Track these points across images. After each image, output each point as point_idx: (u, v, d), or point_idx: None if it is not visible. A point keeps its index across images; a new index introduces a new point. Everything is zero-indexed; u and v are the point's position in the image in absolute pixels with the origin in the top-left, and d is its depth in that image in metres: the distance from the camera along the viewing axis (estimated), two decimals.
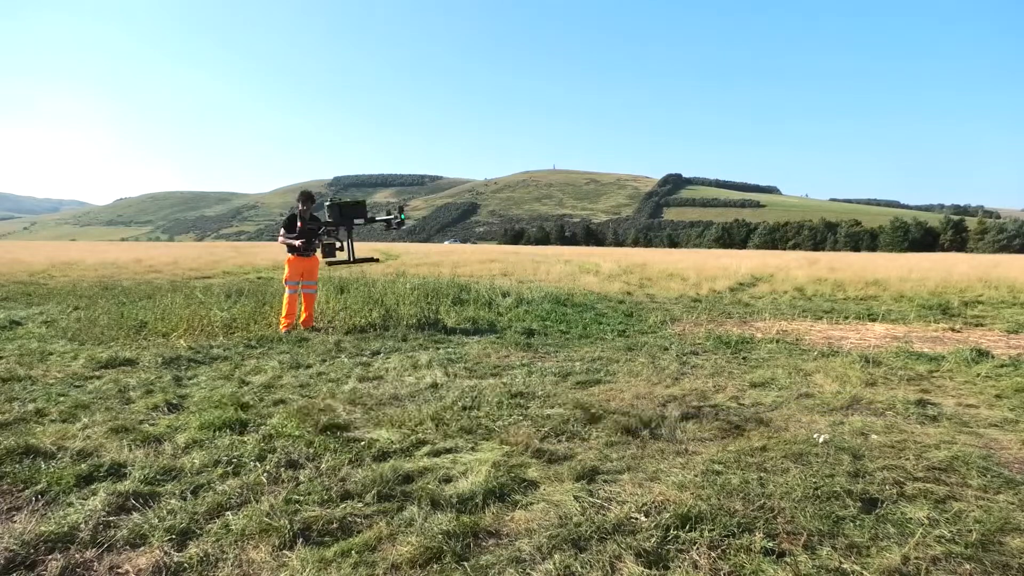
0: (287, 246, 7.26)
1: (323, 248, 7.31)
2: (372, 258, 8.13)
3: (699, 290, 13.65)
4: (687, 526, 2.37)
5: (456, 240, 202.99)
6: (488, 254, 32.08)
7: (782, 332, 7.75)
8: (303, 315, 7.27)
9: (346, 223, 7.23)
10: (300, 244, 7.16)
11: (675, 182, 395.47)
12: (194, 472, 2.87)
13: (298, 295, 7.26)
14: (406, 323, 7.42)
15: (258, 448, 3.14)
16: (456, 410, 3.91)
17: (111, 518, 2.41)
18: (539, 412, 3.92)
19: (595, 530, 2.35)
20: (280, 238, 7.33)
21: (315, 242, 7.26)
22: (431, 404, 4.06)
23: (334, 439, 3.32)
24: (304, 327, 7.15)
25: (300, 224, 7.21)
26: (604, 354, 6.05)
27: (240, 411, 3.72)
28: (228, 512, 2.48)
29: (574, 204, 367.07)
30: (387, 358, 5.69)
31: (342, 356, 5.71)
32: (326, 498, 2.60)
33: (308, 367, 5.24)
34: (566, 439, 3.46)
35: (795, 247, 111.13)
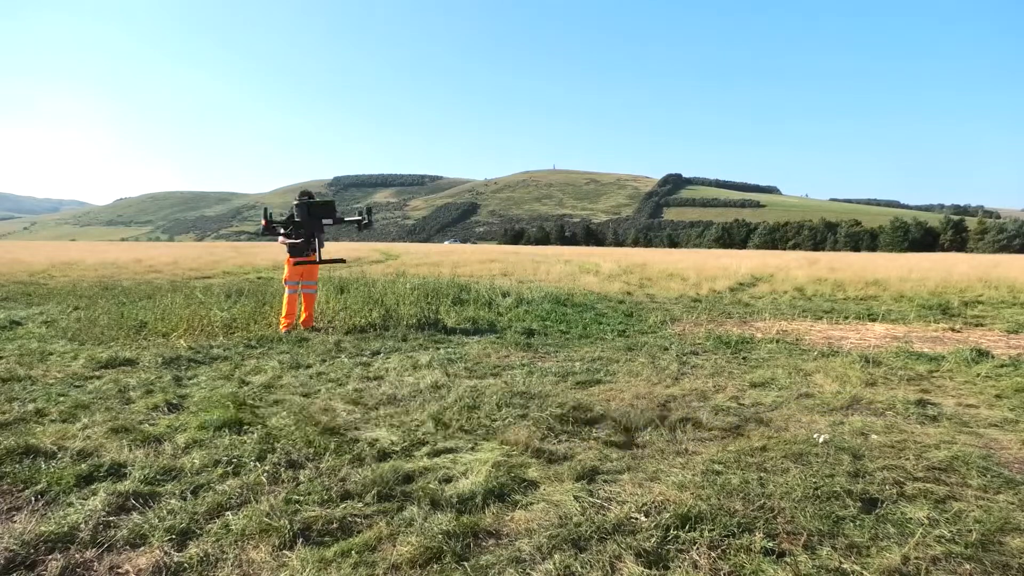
0: (287, 246, 7.26)
1: (289, 248, 7.19)
2: (340, 259, 8.04)
3: (699, 290, 13.64)
4: (687, 526, 2.37)
5: (456, 240, 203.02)
6: (488, 254, 32.10)
7: (782, 332, 7.75)
8: (303, 315, 7.27)
9: (315, 223, 7.16)
10: (299, 243, 7.15)
11: (675, 182, 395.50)
12: (194, 472, 2.87)
13: (298, 295, 7.26)
14: (406, 323, 7.42)
15: (258, 448, 3.13)
16: (456, 410, 3.91)
17: (111, 518, 2.42)
18: (539, 412, 3.91)
19: (595, 530, 2.35)
20: (280, 238, 7.34)
21: (313, 242, 7.25)
22: (431, 404, 4.06)
23: (334, 439, 3.32)
24: (304, 327, 7.16)
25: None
26: (604, 354, 6.05)
27: (240, 411, 3.72)
28: (228, 512, 2.48)
29: (574, 204, 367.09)
30: (387, 358, 5.69)
31: (342, 356, 5.71)
32: (326, 498, 2.60)
33: (308, 367, 5.24)
34: (566, 439, 3.46)
35: (795, 247, 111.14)
